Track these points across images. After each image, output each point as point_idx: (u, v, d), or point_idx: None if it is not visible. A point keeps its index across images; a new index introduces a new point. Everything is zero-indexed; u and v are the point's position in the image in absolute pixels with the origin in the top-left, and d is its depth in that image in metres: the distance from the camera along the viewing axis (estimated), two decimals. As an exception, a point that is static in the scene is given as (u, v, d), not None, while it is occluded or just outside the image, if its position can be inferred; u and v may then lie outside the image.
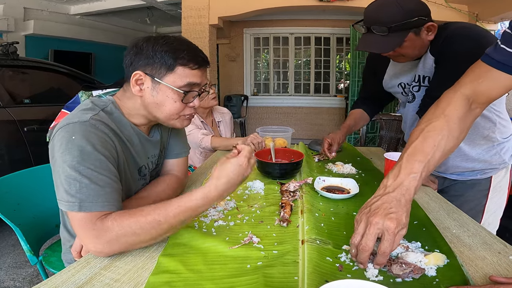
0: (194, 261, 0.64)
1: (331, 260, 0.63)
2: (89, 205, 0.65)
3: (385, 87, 1.32)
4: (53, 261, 1.14)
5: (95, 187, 0.66)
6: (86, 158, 0.67)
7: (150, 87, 0.77)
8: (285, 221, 0.79)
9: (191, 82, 0.77)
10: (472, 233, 0.75)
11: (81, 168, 0.66)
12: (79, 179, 0.65)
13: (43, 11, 4.69)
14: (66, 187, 0.65)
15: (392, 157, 1.04)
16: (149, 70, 0.76)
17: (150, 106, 0.79)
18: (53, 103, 2.44)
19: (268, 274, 0.59)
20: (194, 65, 0.77)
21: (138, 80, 0.77)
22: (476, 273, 0.59)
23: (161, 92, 0.77)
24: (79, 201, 0.64)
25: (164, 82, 0.76)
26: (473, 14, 3.71)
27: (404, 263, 0.58)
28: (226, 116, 1.97)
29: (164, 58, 0.75)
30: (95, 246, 0.63)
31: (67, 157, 0.66)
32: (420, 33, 0.99)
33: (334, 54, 5.76)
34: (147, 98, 0.78)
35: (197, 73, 0.79)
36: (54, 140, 0.71)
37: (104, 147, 0.71)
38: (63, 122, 0.72)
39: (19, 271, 1.90)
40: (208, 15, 4.16)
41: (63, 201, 0.65)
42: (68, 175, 0.65)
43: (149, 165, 0.93)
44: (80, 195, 0.65)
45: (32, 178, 1.21)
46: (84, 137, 0.68)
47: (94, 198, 0.66)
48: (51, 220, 1.19)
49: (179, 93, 0.77)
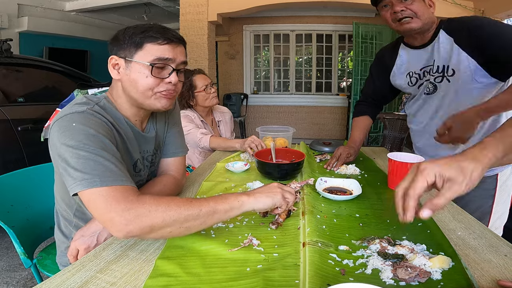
0: (193, 264, 0.64)
1: (333, 263, 0.63)
2: (110, 179, 0.66)
3: (392, 80, 1.34)
4: (48, 264, 1.14)
5: (109, 164, 0.68)
6: (92, 139, 0.69)
7: (124, 67, 0.81)
8: (277, 224, 0.79)
9: (161, 57, 0.80)
10: (477, 235, 0.74)
11: (90, 148, 0.68)
12: (92, 157, 0.67)
13: (38, 8, 4.69)
14: (79, 167, 0.66)
15: (396, 157, 1.04)
16: (121, 53, 0.81)
17: (127, 87, 0.82)
18: (48, 101, 2.43)
19: (269, 278, 0.59)
20: (163, 41, 0.80)
21: (115, 65, 0.82)
22: (481, 277, 0.59)
23: (133, 70, 0.80)
24: (98, 177, 0.65)
25: (134, 59, 0.80)
26: (479, 10, 3.71)
27: (409, 267, 0.58)
28: (226, 116, 1.97)
29: (133, 38, 0.79)
30: (121, 218, 0.62)
31: (72, 141, 0.68)
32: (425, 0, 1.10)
33: (336, 51, 5.76)
34: (124, 80, 0.82)
35: (168, 48, 0.81)
36: (53, 131, 0.72)
37: (105, 132, 0.74)
38: (60, 115, 0.74)
39: (13, 275, 1.90)
40: (207, 12, 4.17)
41: (78, 181, 0.65)
42: (79, 156, 0.67)
43: (142, 161, 0.93)
44: (97, 172, 0.66)
45: (26, 178, 1.21)
46: (84, 123, 0.71)
47: (112, 174, 0.67)
48: (45, 222, 1.19)
49: (149, 67, 0.80)
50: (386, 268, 0.60)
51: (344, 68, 5.97)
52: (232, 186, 1.10)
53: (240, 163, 1.35)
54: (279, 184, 0.80)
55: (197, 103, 1.78)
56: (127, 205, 0.64)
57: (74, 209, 0.91)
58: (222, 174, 1.24)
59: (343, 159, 1.32)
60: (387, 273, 0.58)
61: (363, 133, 1.46)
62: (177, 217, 0.65)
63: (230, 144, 1.61)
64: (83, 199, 0.67)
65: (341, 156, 1.32)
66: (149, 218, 0.63)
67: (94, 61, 5.70)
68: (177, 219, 0.65)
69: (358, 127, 1.47)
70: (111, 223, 0.63)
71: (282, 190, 0.77)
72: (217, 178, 1.19)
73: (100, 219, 0.66)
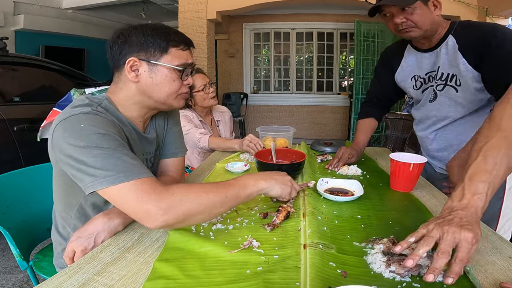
0: (192, 266, 0.64)
1: (335, 265, 0.63)
2: (133, 173, 0.67)
3: (397, 81, 1.34)
4: (44, 266, 1.14)
5: (128, 159, 0.69)
6: (104, 138, 0.70)
7: (147, 70, 0.82)
8: (273, 226, 0.79)
9: (186, 62, 0.85)
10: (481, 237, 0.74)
11: (104, 146, 0.69)
12: (110, 154, 0.68)
13: (34, 5, 4.68)
14: (98, 165, 0.67)
15: (398, 157, 1.04)
16: (143, 55, 0.81)
17: (149, 89, 0.83)
18: (44, 101, 2.43)
19: (269, 280, 0.59)
20: (185, 46, 0.85)
21: (133, 66, 0.81)
22: (485, 279, 0.59)
23: (159, 73, 0.82)
24: (122, 173, 0.66)
25: (162, 63, 0.82)
26: (482, 8, 3.71)
27: (402, 261, 0.60)
28: (225, 115, 1.98)
29: (157, 42, 0.81)
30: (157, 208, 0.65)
31: (83, 142, 0.69)
32: (428, 4, 1.06)
33: (337, 50, 5.77)
34: (144, 81, 0.83)
35: (188, 54, 0.87)
36: (58, 133, 0.72)
37: (115, 130, 0.75)
38: (63, 116, 0.74)
39: (9, 277, 1.90)
40: (206, 9, 4.17)
41: (100, 178, 0.66)
42: (95, 155, 0.67)
43: (144, 163, 0.94)
44: (120, 168, 0.67)
45: (22, 179, 1.21)
46: (93, 124, 0.72)
47: (134, 168, 0.68)
48: (42, 223, 1.19)
49: (177, 72, 0.84)
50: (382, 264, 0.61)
51: (346, 67, 5.97)
52: (232, 187, 1.10)
53: (240, 164, 1.35)
54: (291, 179, 0.89)
55: (195, 103, 1.78)
56: (158, 196, 0.66)
57: (75, 210, 0.91)
58: (222, 175, 1.24)
59: (344, 159, 1.31)
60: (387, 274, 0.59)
61: (367, 136, 1.45)
62: (207, 203, 0.69)
63: (229, 145, 1.61)
64: (109, 196, 0.68)
65: (342, 157, 1.32)
66: (183, 207, 0.67)
67: (91, 60, 5.70)
68: (207, 205, 0.69)
69: (362, 130, 1.46)
70: (147, 214, 0.65)
71: (292, 186, 0.88)
72: (217, 179, 1.19)
73: (133, 213, 0.68)
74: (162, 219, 0.65)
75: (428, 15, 1.07)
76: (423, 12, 1.06)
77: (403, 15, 1.06)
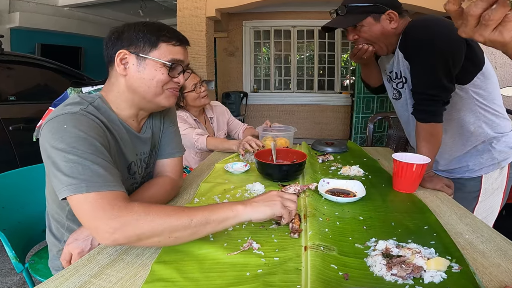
0: (190, 269, 0.64)
1: (336, 268, 0.63)
2: (97, 185, 0.66)
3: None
4: (40, 269, 1.14)
5: (98, 168, 0.68)
6: (82, 143, 0.69)
7: (136, 64, 0.82)
8: (296, 231, 0.77)
9: (176, 58, 0.84)
10: (486, 238, 0.75)
11: (79, 152, 0.68)
12: (80, 161, 0.67)
13: (30, 3, 4.68)
14: (67, 171, 0.66)
15: (401, 158, 1.04)
16: (133, 48, 0.82)
17: (136, 83, 0.83)
18: (40, 100, 2.43)
19: (269, 282, 0.59)
20: (176, 42, 0.85)
21: (123, 59, 0.82)
22: (490, 282, 0.59)
23: (147, 67, 0.82)
24: (85, 182, 0.66)
25: (150, 57, 0.82)
26: None
27: (404, 264, 0.60)
28: (217, 109, 1.97)
29: (147, 36, 0.82)
30: (107, 226, 0.62)
31: (62, 144, 0.68)
32: (380, 20, 1.09)
33: (339, 48, 5.77)
34: (132, 75, 0.83)
35: (180, 50, 0.86)
36: (44, 132, 0.72)
37: (97, 134, 0.74)
38: (52, 115, 0.74)
39: (4, 279, 1.90)
40: (205, 7, 4.16)
41: (65, 186, 0.66)
42: (67, 160, 0.67)
43: (138, 163, 0.94)
44: (85, 176, 0.66)
45: (17, 180, 1.21)
46: (75, 126, 0.71)
47: (100, 179, 0.67)
48: (38, 224, 1.19)
49: (165, 66, 0.83)
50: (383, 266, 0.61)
51: (347, 65, 5.97)
52: (231, 188, 1.10)
53: (239, 164, 1.35)
54: (279, 192, 0.79)
55: (187, 104, 1.77)
56: (114, 213, 0.64)
57: (66, 211, 0.91)
58: (221, 175, 1.24)
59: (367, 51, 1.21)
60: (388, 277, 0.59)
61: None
62: (166, 226, 0.64)
63: (227, 146, 1.61)
64: (71, 204, 0.68)
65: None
66: (137, 227, 0.63)
67: (88, 58, 5.70)
68: (166, 228, 0.64)
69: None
70: (96, 231, 0.64)
71: (281, 199, 0.75)
72: (216, 180, 1.19)
73: (86, 226, 0.69)
74: (111, 238, 0.63)
75: (378, 29, 1.10)
76: (371, 28, 1.11)
77: (354, 33, 1.13)
